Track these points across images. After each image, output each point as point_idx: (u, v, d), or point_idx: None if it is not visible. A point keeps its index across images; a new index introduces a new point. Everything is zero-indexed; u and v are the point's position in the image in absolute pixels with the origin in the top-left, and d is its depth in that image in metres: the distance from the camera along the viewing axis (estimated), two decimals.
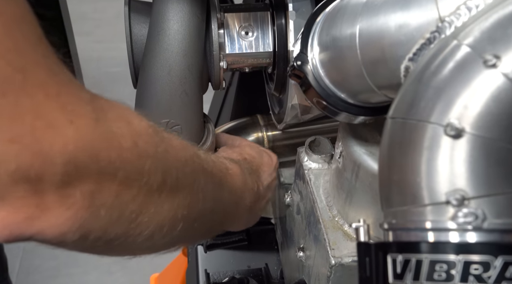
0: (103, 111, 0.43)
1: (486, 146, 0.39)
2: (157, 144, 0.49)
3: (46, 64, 0.39)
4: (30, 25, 0.39)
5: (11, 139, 0.36)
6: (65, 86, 0.40)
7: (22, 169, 0.37)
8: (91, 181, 0.41)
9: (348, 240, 0.76)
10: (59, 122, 0.38)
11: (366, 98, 0.58)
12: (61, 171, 0.39)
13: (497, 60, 0.39)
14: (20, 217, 0.38)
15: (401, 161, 0.42)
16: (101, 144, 0.41)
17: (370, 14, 0.51)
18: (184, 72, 0.74)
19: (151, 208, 0.48)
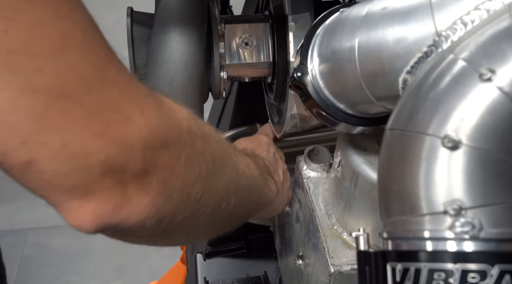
0: (161, 100, 0.47)
1: (482, 157, 0.40)
2: (201, 127, 0.54)
3: (115, 62, 0.43)
4: (97, 30, 0.42)
5: (99, 133, 0.40)
6: (131, 80, 0.44)
7: (110, 160, 0.40)
8: (164, 168, 0.45)
9: (347, 248, 0.77)
10: (133, 114, 0.42)
11: (365, 109, 0.59)
12: (141, 159, 0.43)
13: (492, 74, 0.40)
14: (109, 207, 0.42)
15: (400, 171, 0.43)
16: (166, 129, 0.46)
17: (368, 27, 0.52)
18: (186, 83, 0.75)
19: (211, 187, 0.54)
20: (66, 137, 0.39)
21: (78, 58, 0.39)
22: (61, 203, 0.41)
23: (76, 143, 0.39)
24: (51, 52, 0.38)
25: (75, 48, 0.39)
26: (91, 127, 0.40)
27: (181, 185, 0.48)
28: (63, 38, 0.38)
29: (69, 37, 0.39)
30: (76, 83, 0.39)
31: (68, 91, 0.38)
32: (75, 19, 0.40)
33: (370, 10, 0.53)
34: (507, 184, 0.41)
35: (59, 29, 0.38)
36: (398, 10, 0.49)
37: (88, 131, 0.40)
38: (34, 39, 0.37)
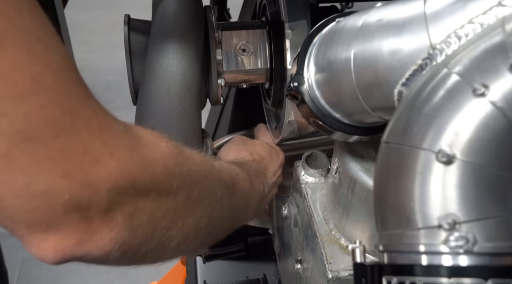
0: (137, 140, 0.48)
1: (476, 172, 0.41)
2: (182, 164, 0.55)
3: (87, 104, 0.44)
4: (72, 71, 0.43)
5: (64, 175, 0.41)
6: (104, 122, 0.45)
7: (73, 200, 0.42)
8: (130, 204, 0.47)
9: (344, 254, 0.78)
10: (103, 156, 0.43)
11: (361, 118, 0.60)
12: (105, 198, 0.44)
13: (485, 89, 0.41)
14: (71, 242, 0.44)
15: (395, 185, 0.44)
16: (138, 170, 0.47)
17: (364, 39, 0.52)
18: (183, 91, 0.75)
19: (179, 222, 0.54)
20: (29, 178, 0.40)
21: (47, 100, 0.40)
22: (24, 237, 0.43)
23: (39, 184, 0.40)
24: (19, 96, 0.39)
25: (45, 91, 0.40)
26: (56, 169, 0.41)
27: (147, 220, 0.49)
28: (33, 82, 0.39)
29: (39, 80, 0.40)
30: (42, 126, 0.40)
31: (34, 134, 0.39)
32: (48, 61, 0.41)
33: (365, 21, 0.53)
34: (500, 198, 0.41)
35: (30, 72, 0.39)
36: (393, 22, 0.50)
37: (52, 172, 0.41)
38: (2, 83, 0.38)
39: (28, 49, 0.39)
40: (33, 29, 0.40)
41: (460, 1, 0.46)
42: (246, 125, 1.11)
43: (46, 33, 0.42)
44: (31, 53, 0.39)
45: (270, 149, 0.89)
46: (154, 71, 0.74)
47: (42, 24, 0.41)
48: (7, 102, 0.38)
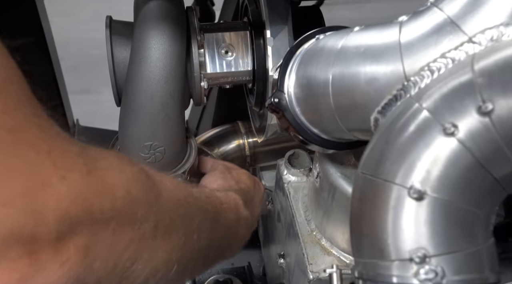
0: (94, 162, 0.43)
1: (445, 207, 0.43)
2: (149, 189, 0.49)
3: (35, 122, 0.39)
4: (18, 86, 0.39)
5: (4, 202, 0.36)
6: (55, 141, 0.40)
7: (15, 231, 0.36)
8: (85, 234, 0.41)
9: (325, 255, 0.80)
10: (52, 179, 0.38)
11: (338, 136, 0.61)
12: (55, 228, 0.38)
13: (455, 129, 0.42)
14: (14, 278, 0.38)
15: (370, 216, 0.46)
16: (93, 195, 0.41)
17: (342, 64, 0.54)
18: (166, 98, 0.76)
19: (145, 255, 0.48)
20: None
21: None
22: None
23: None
24: None
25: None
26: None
27: (107, 253, 0.44)
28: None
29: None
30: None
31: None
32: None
33: (344, 45, 0.55)
34: (468, 232, 0.43)
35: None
36: (370, 51, 0.51)
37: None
38: None
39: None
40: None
41: (433, 34, 0.47)
42: (230, 119, 1.12)
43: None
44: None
45: (254, 179, 0.86)
46: (137, 79, 0.75)
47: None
48: None
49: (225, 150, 1.07)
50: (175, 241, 0.53)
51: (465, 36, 0.46)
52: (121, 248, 0.45)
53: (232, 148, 1.07)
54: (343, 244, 0.79)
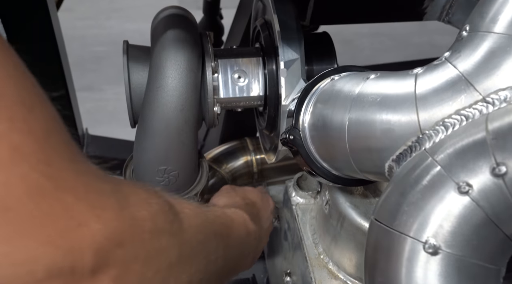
0: (126, 199, 0.47)
1: (459, 262, 0.45)
2: (172, 220, 0.54)
3: (73, 168, 0.43)
4: (58, 135, 0.43)
5: (46, 241, 0.40)
6: (91, 184, 0.44)
7: (56, 266, 0.41)
8: (117, 266, 0.45)
9: (332, 279, 0.83)
10: (88, 220, 0.42)
11: (350, 174, 0.64)
12: (91, 262, 0.43)
13: (469, 188, 0.44)
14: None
15: (385, 266, 0.48)
16: (125, 231, 0.46)
17: (359, 111, 0.56)
18: (181, 125, 0.78)
19: (171, 280, 0.53)
20: (8, 247, 0.39)
21: (28, 169, 0.39)
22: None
23: (19, 252, 0.40)
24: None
25: (25, 160, 0.39)
26: (37, 237, 0.40)
27: (137, 281, 0.48)
28: (13, 151, 0.38)
29: (20, 149, 0.39)
30: (23, 195, 0.39)
31: (15, 203, 0.39)
32: (31, 127, 0.40)
33: (361, 92, 0.57)
34: None
35: (11, 142, 0.38)
36: (386, 102, 0.53)
37: (33, 240, 0.40)
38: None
39: (11, 116, 0.39)
40: (17, 94, 0.39)
41: (447, 90, 0.49)
42: (237, 135, 1.14)
43: (32, 97, 0.41)
44: (13, 120, 0.39)
45: (262, 195, 0.89)
46: (154, 106, 0.77)
47: (27, 88, 0.41)
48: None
49: (233, 166, 1.09)
50: (197, 265, 0.57)
51: (479, 95, 0.48)
52: (150, 276, 0.49)
53: (240, 164, 1.09)
54: (350, 269, 0.81)
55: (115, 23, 3.63)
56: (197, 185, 0.88)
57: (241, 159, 1.10)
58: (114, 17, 3.72)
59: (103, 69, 3.12)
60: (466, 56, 0.49)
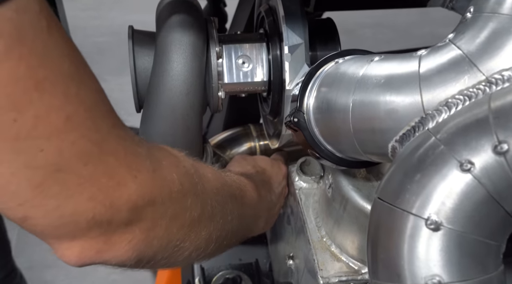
0: (159, 162, 0.54)
1: (460, 238, 0.46)
2: (197, 182, 0.60)
3: (115, 133, 0.49)
4: (103, 105, 0.48)
5: (89, 198, 0.47)
6: (130, 148, 0.50)
7: (97, 218, 0.48)
8: (148, 220, 0.52)
9: (335, 261, 0.84)
10: (126, 179, 0.49)
11: (353, 156, 0.64)
12: (126, 216, 0.50)
13: (471, 166, 0.45)
14: (92, 251, 0.50)
15: (387, 243, 0.49)
16: (156, 191, 0.52)
17: (363, 93, 0.56)
18: (187, 110, 0.79)
19: (192, 235, 0.60)
20: (59, 202, 0.45)
21: (79, 136, 0.45)
22: (52, 244, 0.49)
23: (67, 206, 0.46)
24: (54, 134, 0.43)
25: (77, 127, 0.44)
26: (83, 193, 0.46)
27: (163, 234, 0.55)
28: (67, 121, 0.43)
29: (72, 119, 0.44)
30: (74, 158, 0.45)
31: (66, 165, 0.44)
32: (81, 100, 0.45)
33: (365, 74, 0.57)
34: (480, 261, 0.47)
35: (65, 113, 0.43)
36: (391, 84, 0.54)
37: (79, 196, 0.46)
38: (39, 124, 0.42)
39: (64, 91, 0.43)
40: (69, 71, 0.44)
41: (451, 71, 0.50)
42: (241, 121, 1.15)
43: (80, 73, 0.45)
44: (66, 95, 0.43)
45: (272, 162, 0.93)
46: (159, 91, 0.78)
47: (77, 65, 0.45)
48: (42, 140, 0.42)
49: (237, 152, 1.10)
50: (215, 223, 0.64)
51: (482, 76, 0.49)
52: (175, 231, 0.57)
53: (244, 150, 1.10)
54: (353, 251, 0.82)
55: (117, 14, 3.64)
56: None
57: (245, 145, 1.11)
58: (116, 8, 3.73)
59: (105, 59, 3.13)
60: (470, 37, 0.50)
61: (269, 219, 0.90)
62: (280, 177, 0.92)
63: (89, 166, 0.46)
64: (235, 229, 0.72)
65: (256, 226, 0.85)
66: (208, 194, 0.63)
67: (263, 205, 0.84)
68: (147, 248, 0.54)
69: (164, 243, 0.56)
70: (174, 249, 0.58)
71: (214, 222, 0.64)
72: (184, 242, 0.59)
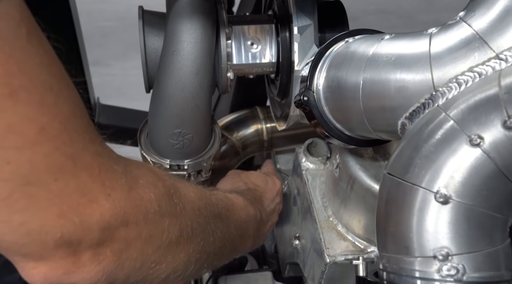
0: (135, 180, 0.51)
1: (468, 211, 0.47)
2: (176, 203, 0.57)
3: (91, 148, 0.47)
4: (80, 118, 0.46)
5: (59, 214, 0.44)
6: (105, 164, 0.48)
7: (65, 237, 0.45)
8: (120, 241, 0.50)
9: (341, 240, 0.85)
10: (99, 197, 0.47)
11: (362, 134, 0.65)
12: (97, 236, 0.47)
13: (481, 141, 0.46)
14: (59, 272, 0.47)
15: (396, 217, 0.50)
16: (131, 210, 0.50)
17: (373, 71, 0.57)
18: (196, 89, 0.80)
19: (169, 258, 0.57)
20: (25, 217, 0.43)
21: (52, 149, 0.43)
22: (17, 262, 0.47)
23: (34, 223, 0.43)
24: (25, 145, 0.41)
25: (50, 140, 0.42)
26: (52, 210, 0.44)
27: (136, 256, 0.52)
28: (40, 132, 0.41)
29: (47, 130, 0.42)
30: (45, 172, 0.42)
31: (36, 179, 0.42)
32: (58, 111, 0.43)
33: (376, 52, 0.58)
34: (487, 234, 0.48)
35: (39, 124, 0.41)
36: (401, 61, 0.55)
37: (48, 213, 0.44)
38: (11, 134, 0.40)
39: (40, 101, 0.41)
40: (48, 81, 0.42)
41: (461, 48, 0.51)
42: (247, 104, 1.16)
43: (60, 83, 0.44)
44: (42, 104, 0.42)
45: (266, 178, 0.91)
46: (169, 71, 0.79)
47: (56, 75, 0.44)
48: (12, 151, 0.40)
49: (244, 134, 1.11)
50: (194, 245, 0.61)
51: (492, 52, 0.49)
52: (150, 252, 0.54)
53: (251, 132, 1.11)
54: (359, 230, 0.83)
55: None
56: (210, 149, 0.90)
57: (252, 128, 1.12)
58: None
59: (109, 44, 3.13)
60: (481, 14, 0.50)
61: (258, 239, 0.87)
62: (273, 193, 0.90)
63: (59, 181, 0.43)
64: (217, 250, 0.68)
65: (243, 245, 0.81)
66: (188, 215, 0.60)
67: (251, 225, 0.81)
68: (119, 270, 0.51)
69: (137, 265, 0.53)
70: (149, 272, 0.55)
71: (194, 243, 0.61)
72: (160, 264, 0.56)
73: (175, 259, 0.58)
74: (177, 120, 0.82)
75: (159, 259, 0.55)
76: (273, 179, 0.92)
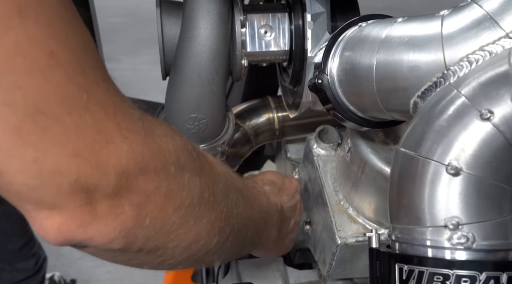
0: (151, 128, 0.48)
1: (478, 183, 0.49)
2: (195, 159, 0.54)
3: (105, 85, 0.43)
4: (92, 52, 0.43)
5: (74, 153, 0.40)
6: (120, 105, 0.44)
7: (81, 180, 0.41)
8: (139, 193, 0.45)
9: (352, 223, 0.87)
10: (115, 138, 0.43)
11: (375, 115, 0.68)
12: (114, 182, 0.43)
13: (491, 115, 0.48)
14: (74, 224, 0.42)
15: (409, 189, 0.52)
16: (149, 157, 0.46)
17: (386, 52, 0.59)
18: (212, 74, 0.82)
19: (190, 221, 0.52)
20: (38, 152, 0.39)
21: (63, 78, 0.39)
22: (29, 212, 0.42)
23: (48, 161, 0.39)
24: (35, 69, 0.38)
25: (61, 67, 0.39)
26: (66, 146, 0.40)
27: (157, 213, 0.47)
28: (50, 57, 0.38)
29: (57, 56, 0.39)
30: (57, 102, 0.39)
31: (48, 108, 0.39)
32: (67, 38, 0.40)
33: (388, 35, 0.60)
34: (497, 204, 0.50)
35: (48, 47, 0.38)
36: (414, 42, 0.57)
37: (62, 149, 0.40)
38: (19, 55, 0.37)
39: (49, 23, 0.39)
40: (55, 5, 0.39)
41: (472, 28, 0.53)
42: (259, 93, 1.18)
43: (68, 13, 0.41)
44: (51, 27, 0.39)
45: (282, 176, 0.87)
46: (186, 56, 0.81)
47: (65, 4, 0.41)
48: (22, 74, 0.37)
49: (256, 123, 1.13)
50: (217, 212, 0.56)
51: (503, 32, 0.51)
52: (170, 211, 0.49)
53: (263, 121, 1.14)
54: (369, 213, 0.86)
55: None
56: (225, 134, 0.92)
57: (264, 116, 1.14)
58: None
59: (119, 40, 3.17)
60: None
61: (282, 234, 0.81)
62: (292, 190, 0.86)
63: (74, 114, 0.40)
64: (241, 226, 0.62)
65: (267, 233, 0.75)
66: (208, 175, 0.55)
67: (274, 213, 0.76)
68: (138, 228, 0.46)
69: (158, 225, 0.48)
70: (170, 235, 0.50)
71: (217, 211, 0.56)
72: (181, 227, 0.51)
73: (197, 224, 0.53)
74: (193, 105, 0.84)
75: (180, 221, 0.51)
76: (289, 177, 0.89)
